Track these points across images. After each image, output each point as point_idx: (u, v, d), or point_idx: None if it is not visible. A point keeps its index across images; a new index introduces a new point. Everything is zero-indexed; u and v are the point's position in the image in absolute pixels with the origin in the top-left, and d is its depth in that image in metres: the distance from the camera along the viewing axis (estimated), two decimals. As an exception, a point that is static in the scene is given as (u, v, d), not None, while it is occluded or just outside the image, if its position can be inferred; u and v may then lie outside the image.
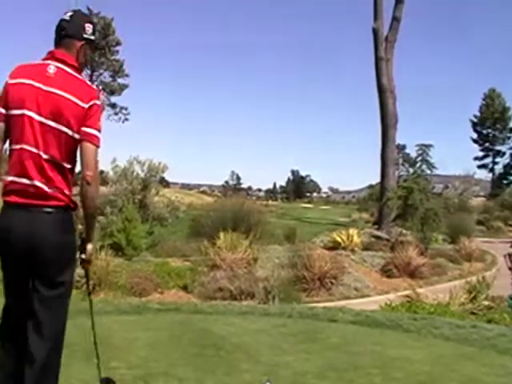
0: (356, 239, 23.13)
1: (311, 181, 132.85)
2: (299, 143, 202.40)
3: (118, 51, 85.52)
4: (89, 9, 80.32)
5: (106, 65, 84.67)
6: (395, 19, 31.89)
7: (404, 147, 64.47)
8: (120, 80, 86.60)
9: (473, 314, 11.41)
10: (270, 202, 74.98)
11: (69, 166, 3.34)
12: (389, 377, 5.28)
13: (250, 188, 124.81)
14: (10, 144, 3.40)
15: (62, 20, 3.42)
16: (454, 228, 27.52)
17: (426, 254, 21.78)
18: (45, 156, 3.25)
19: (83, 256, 3.56)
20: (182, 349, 6.02)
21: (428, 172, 27.50)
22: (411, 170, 30.27)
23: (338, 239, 23.06)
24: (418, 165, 27.83)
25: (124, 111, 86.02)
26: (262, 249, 19.89)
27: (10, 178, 3.32)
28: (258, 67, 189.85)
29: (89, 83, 3.48)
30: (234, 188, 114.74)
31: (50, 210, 3.27)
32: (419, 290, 12.81)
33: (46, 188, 3.25)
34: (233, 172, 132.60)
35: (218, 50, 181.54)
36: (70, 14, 3.44)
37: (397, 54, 32.37)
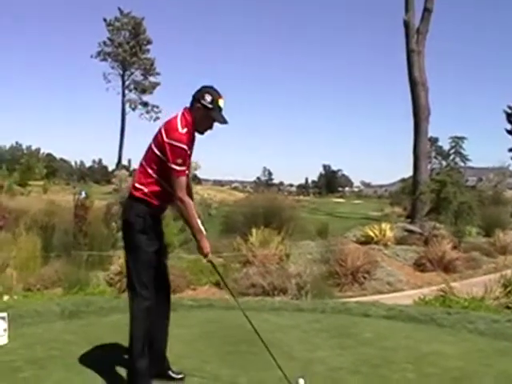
0: (389, 233, 22.96)
1: (343, 175, 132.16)
2: (330, 138, 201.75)
3: (148, 50, 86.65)
4: (120, 9, 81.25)
5: (137, 64, 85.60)
6: (427, 10, 31.51)
7: (436, 140, 63.54)
8: (151, 78, 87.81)
9: (508, 308, 11.26)
10: (302, 197, 74.80)
11: (151, 172, 4.58)
12: (422, 372, 5.26)
13: (281, 183, 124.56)
14: None
15: (197, 90, 4.62)
16: (489, 221, 27.10)
17: (460, 248, 21.54)
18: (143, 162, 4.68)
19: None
20: (215, 345, 6.06)
21: (461, 164, 27.21)
22: (444, 163, 29.98)
23: (371, 234, 22.93)
24: (451, 157, 27.54)
25: (155, 109, 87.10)
26: (294, 244, 19.88)
27: None
28: (286, 63, 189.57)
29: (179, 127, 4.49)
30: (265, 184, 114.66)
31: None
32: (453, 284, 12.66)
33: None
34: (264, 168, 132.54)
35: (251, 46, 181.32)
36: (202, 86, 4.64)
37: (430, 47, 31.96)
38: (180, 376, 4.94)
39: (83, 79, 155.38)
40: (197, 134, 4.69)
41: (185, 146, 4.45)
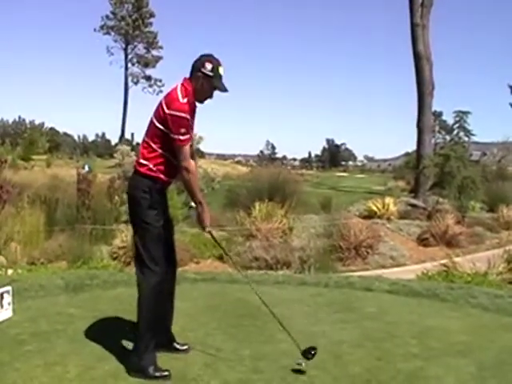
0: (392, 208, 22.93)
1: (346, 149, 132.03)
2: (334, 112, 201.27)
3: (151, 23, 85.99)
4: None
5: (140, 37, 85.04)
6: (431, -16, 31.09)
7: (441, 114, 63.15)
8: (154, 52, 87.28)
9: (511, 283, 11.27)
10: (305, 171, 74.77)
11: (155, 146, 4.53)
12: (426, 346, 5.28)
13: (284, 157, 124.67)
14: None
15: (196, 59, 4.58)
16: (492, 196, 27.01)
17: (464, 223, 21.50)
18: (145, 138, 4.64)
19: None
20: (219, 318, 6.08)
21: (465, 139, 27.01)
22: (448, 138, 29.80)
23: (374, 208, 22.89)
24: (455, 132, 27.35)
25: (158, 83, 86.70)
26: (297, 218, 19.90)
27: None
28: (290, 36, 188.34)
29: (179, 97, 4.45)
30: (269, 158, 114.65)
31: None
32: (456, 259, 12.65)
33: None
34: (268, 141, 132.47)
35: (255, 17, 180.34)
36: (201, 54, 4.59)
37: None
38: (185, 347, 4.98)
39: (86, 53, 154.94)
40: (197, 104, 4.64)
41: (186, 115, 4.41)
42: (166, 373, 4.40)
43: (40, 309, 6.25)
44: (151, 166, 4.52)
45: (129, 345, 4.78)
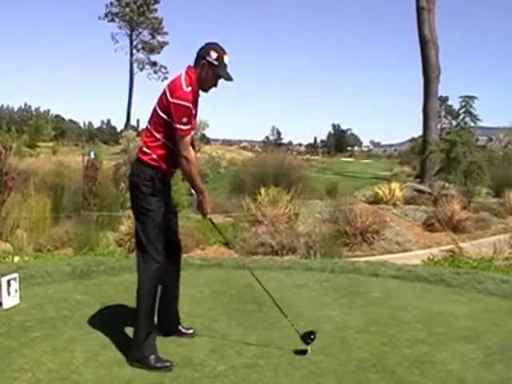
0: (398, 193, 22.82)
1: (352, 135, 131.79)
2: (340, 97, 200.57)
3: (156, 9, 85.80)
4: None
5: (145, 23, 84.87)
6: (438, -33, 30.78)
7: (447, 99, 62.82)
8: (159, 38, 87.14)
9: (517, 268, 11.25)
10: (311, 156, 74.55)
11: (158, 136, 4.50)
12: (432, 331, 5.29)
13: (290, 143, 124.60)
14: None
15: (201, 47, 4.55)
16: (499, 181, 26.83)
17: (470, 208, 21.38)
18: (148, 126, 4.61)
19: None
20: (224, 304, 6.10)
21: (471, 124, 26.85)
22: (454, 123, 29.67)
23: (380, 193, 22.79)
24: (461, 117, 27.20)
25: (163, 70, 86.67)
26: (303, 204, 19.85)
27: None
28: (297, 22, 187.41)
29: (183, 85, 4.41)
30: (274, 143, 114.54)
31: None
32: (462, 245, 12.66)
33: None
34: (273, 127, 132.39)
35: (260, 3, 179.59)
36: (206, 42, 4.57)
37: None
38: (190, 331, 5.04)
39: (91, 40, 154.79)
40: (201, 93, 4.61)
41: (190, 105, 4.38)
42: (168, 363, 4.36)
43: (47, 295, 6.27)
44: (154, 155, 4.51)
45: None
